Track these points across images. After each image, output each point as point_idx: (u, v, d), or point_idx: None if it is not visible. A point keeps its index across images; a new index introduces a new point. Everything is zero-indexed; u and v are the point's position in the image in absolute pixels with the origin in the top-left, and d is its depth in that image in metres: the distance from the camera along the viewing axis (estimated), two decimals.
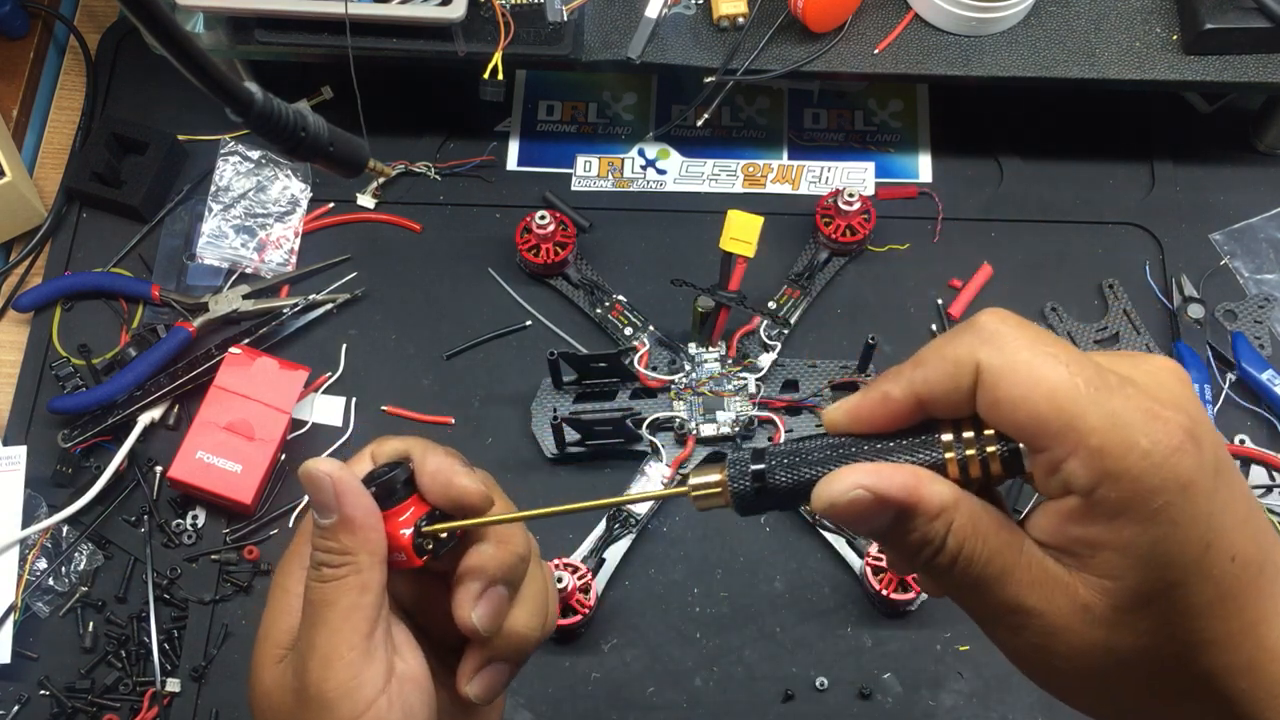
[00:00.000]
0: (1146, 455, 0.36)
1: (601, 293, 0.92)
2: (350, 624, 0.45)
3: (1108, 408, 0.36)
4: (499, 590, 0.48)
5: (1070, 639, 0.39)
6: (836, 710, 0.80)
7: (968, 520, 0.39)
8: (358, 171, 0.63)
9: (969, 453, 0.40)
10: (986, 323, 0.39)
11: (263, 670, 0.47)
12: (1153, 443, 0.36)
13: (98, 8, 1.06)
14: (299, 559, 0.48)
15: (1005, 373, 0.38)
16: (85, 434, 0.86)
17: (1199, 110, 0.99)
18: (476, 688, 0.48)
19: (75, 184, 0.95)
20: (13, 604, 0.81)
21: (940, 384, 0.39)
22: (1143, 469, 0.36)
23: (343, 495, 0.45)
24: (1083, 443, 0.36)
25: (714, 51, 0.88)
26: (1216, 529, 0.37)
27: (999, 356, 0.38)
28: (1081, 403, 0.36)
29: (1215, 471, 0.37)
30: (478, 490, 0.47)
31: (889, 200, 0.96)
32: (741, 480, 0.43)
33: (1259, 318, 0.91)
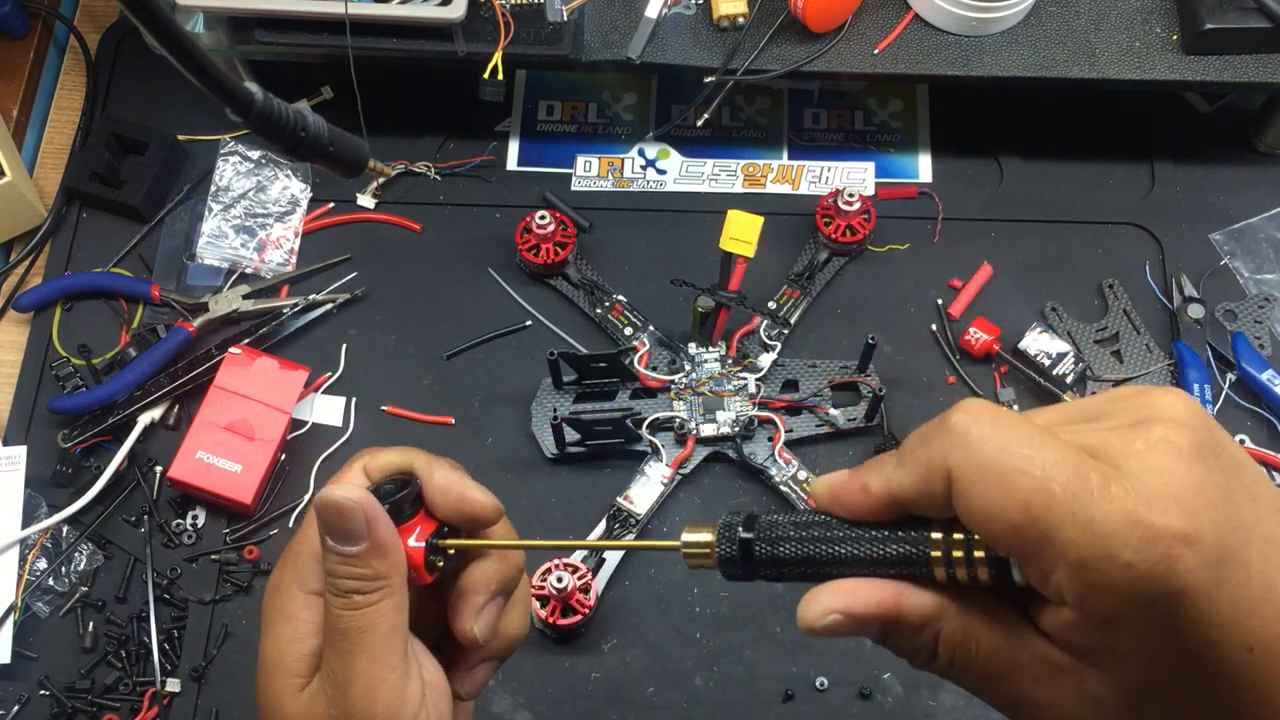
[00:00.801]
0: (1130, 568, 0.33)
1: (601, 293, 0.92)
2: (390, 647, 0.45)
3: (1085, 517, 0.34)
4: (498, 601, 0.49)
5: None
6: (836, 710, 0.80)
7: (956, 628, 0.39)
8: (358, 171, 0.63)
9: (956, 555, 0.38)
10: (958, 422, 0.37)
11: (283, 702, 0.46)
12: (1136, 554, 0.33)
13: (98, 8, 1.06)
14: (298, 582, 0.47)
15: (976, 480, 0.36)
16: (85, 434, 0.86)
17: (1199, 110, 0.99)
18: (469, 686, 0.50)
19: (75, 184, 0.95)
20: (13, 604, 0.81)
21: (915, 489, 0.38)
22: (1128, 582, 0.33)
23: (374, 522, 0.44)
24: (1063, 557, 0.34)
25: (714, 51, 0.88)
26: (1223, 626, 0.34)
27: (969, 461, 0.36)
28: (1058, 513, 0.34)
29: (1218, 564, 0.34)
30: (491, 504, 0.48)
31: (889, 200, 0.96)
32: (729, 545, 0.43)
33: (1259, 318, 0.91)
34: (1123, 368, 0.89)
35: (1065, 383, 0.88)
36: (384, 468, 0.48)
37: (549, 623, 0.79)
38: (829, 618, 0.39)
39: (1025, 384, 0.89)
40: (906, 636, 0.39)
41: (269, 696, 0.46)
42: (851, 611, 0.39)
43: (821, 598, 0.40)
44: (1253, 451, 0.86)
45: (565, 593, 0.78)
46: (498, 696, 0.80)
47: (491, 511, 0.48)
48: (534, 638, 0.82)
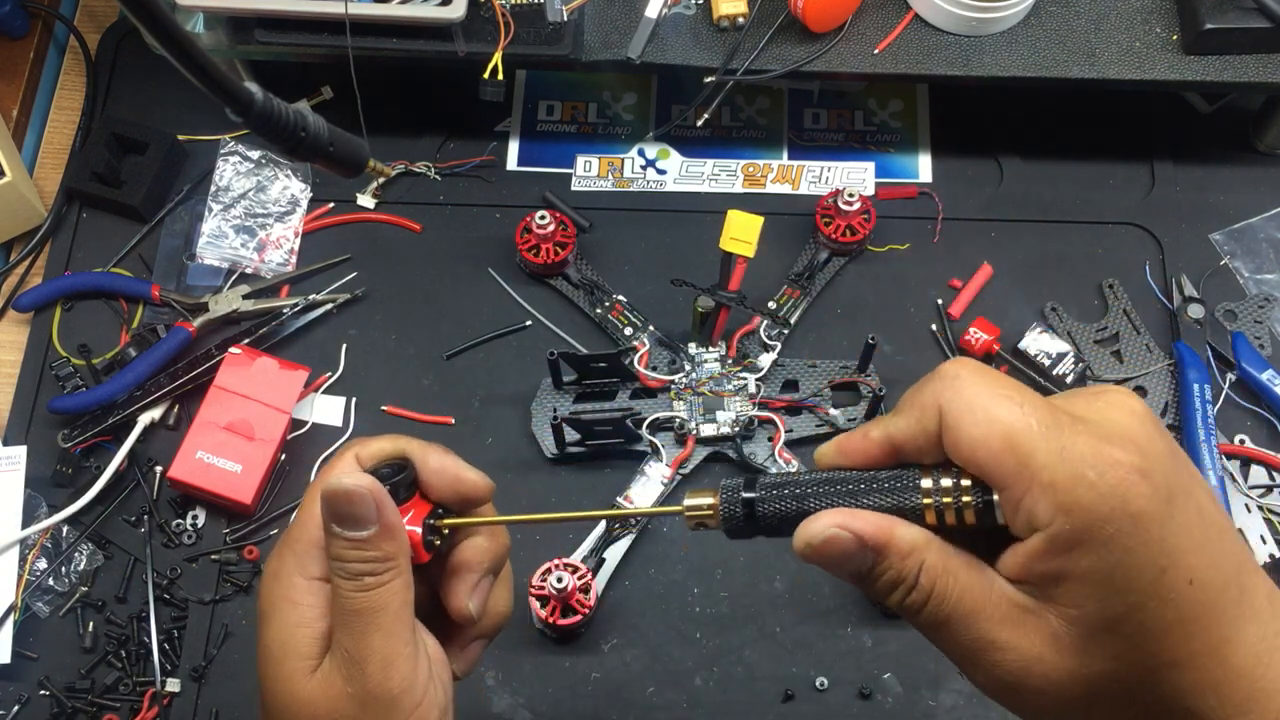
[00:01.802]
0: (1093, 486, 0.38)
1: (601, 293, 0.92)
2: (401, 624, 0.47)
3: (1057, 444, 0.39)
4: (490, 579, 0.51)
5: (1044, 669, 0.41)
6: (836, 710, 0.80)
7: (939, 560, 0.42)
8: (358, 171, 0.63)
9: (945, 500, 0.42)
10: (948, 369, 0.42)
11: (294, 684, 0.47)
12: (1099, 475, 0.38)
13: (98, 8, 1.06)
14: (299, 570, 0.48)
15: (965, 415, 0.41)
16: (85, 434, 0.86)
17: (1199, 110, 0.99)
18: (462, 664, 0.52)
19: (75, 184, 0.95)
20: (13, 604, 0.81)
21: (910, 429, 0.43)
22: (1091, 499, 0.38)
23: (382, 506, 0.46)
24: (1036, 479, 0.39)
25: (714, 51, 0.88)
26: (1170, 554, 0.39)
27: (958, 399, 0.41)
28: (1034, 441, 0.39)
29: (1168, 499, 0.39)
30: (484, 482, 0.50)
31: (889, 200, 0.96)
32: (733, 505, 0.45)
33: (1259, 318, 0.91)
34: (1123, 368, 0.89)
35: (1065, 383, 0.88)
36: (375, 455, 0.50)
37: (549, 623, 0.79)
38: (829, 531, 0.42)
39: (1025, 384, 0.89)
40: (893, 564, 0.42)
41: (279, 682, 0.48)
42: (851, 527, 0.42)
43: (822, 518, 0.43)
44: (1253, 452, 0.86)
45: (565, 593, 0.78)
46: (498, 696, 0.80)
47: (484, 490, 0.50)
48: (534, 638, 0.82)
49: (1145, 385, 0.89)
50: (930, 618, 0.42)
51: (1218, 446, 0.85)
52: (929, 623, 0.43)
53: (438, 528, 0.49)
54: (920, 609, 0.42)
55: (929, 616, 0.42)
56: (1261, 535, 0.84)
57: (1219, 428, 0.86)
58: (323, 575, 0.48)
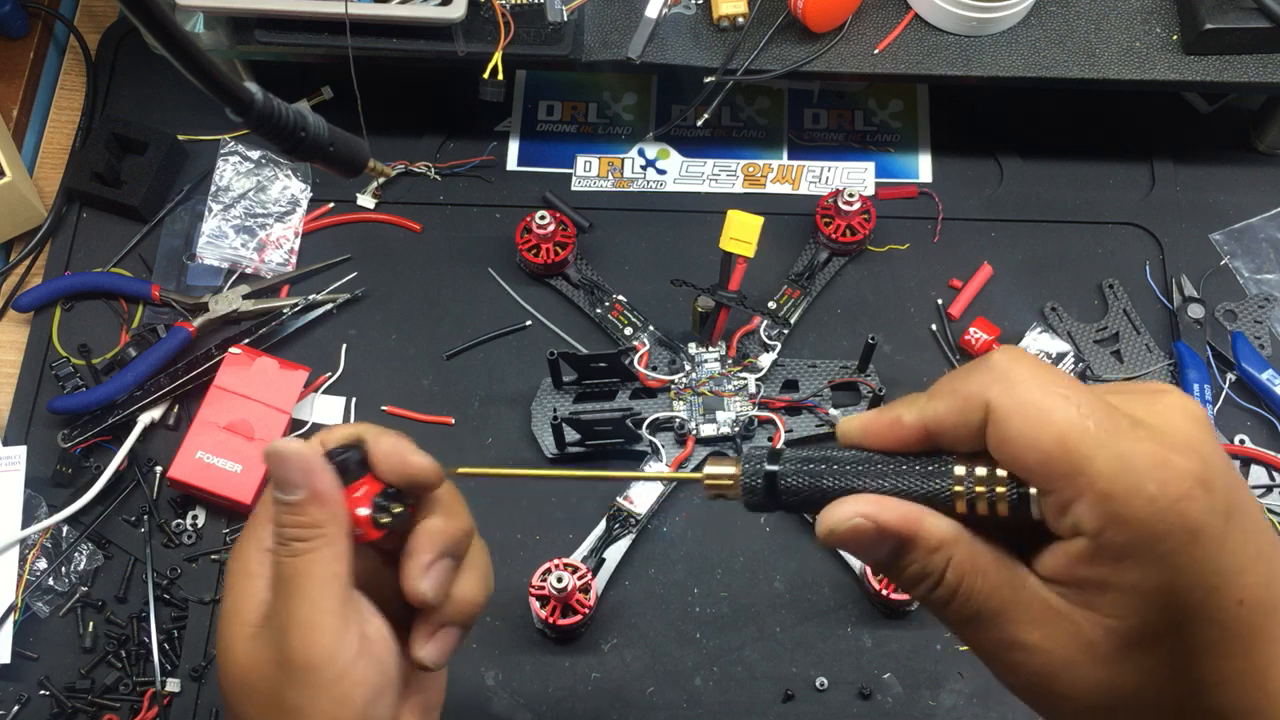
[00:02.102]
0: (1153, 501, 0.36)
1: (601, 293, 0.92)
2: (328, 592, 0.46)
3: (1116, 451, 0.36)
4: (446, 561, 0.50)
5: (1072, 675, 0.39)
6: (836, 710, 0.80)
7: (967, 556, 0.40)
8: (358, 171, 0.63)
9: (978, 490, 0.40)
10: (999, 361, 0.39)
11: (235, 648, 0.48)
12: (1160, 488, 0.36)
13: (98, 8, 1.06)
14: (256, 542, 0.49)
15: (1015, 412, 0.38)
16: (85, 434, 0.86)
17: (1199, 110, 0.99)
18: (430, 652, 0.51)
19: (75, 184, 0.95)
20: (13, 604, 0.81)
21: (950, 418, 0.40)
22: (1149, 514, 0.36)
23: (311, 471, 0.47)
24: (1091, 486, 0.36)
25: (714, 51, 0.88)
26: (1224, 573, 0.37)
27: (1009, 396, 0.38)
28: (1090, 445, 0.36)
29: (1226, 515, 0.37)
30: (431, 466, 0.49)
31: (889, 200, 0.96)
32: (755, 478, 0.44)
33: (1259, 318, 0.91)
34: (1123, 368, 0.89)
35: None
36: (339, 439, 0.50)
37: (549, 623, 0.79)
38: (854, 520, 0.40)
39: None
40: (920, 557, 0.40)
41: (223, 644, 0.48)
42: (877, 519, 0.40)
43: (849, 504, 0.41)
44: (1253, 451, 0.86)
45: (565, 593, 0.78)
46: (497, 697, 0.80)
47: (432, 474, 0.49)
48: (534, 638, 0.82)
49: None
50: (956, 614, 0.41)
51: None
52: (955, 619, 0.41)
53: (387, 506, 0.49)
54: (946, 604, 0.41)
55: (955, 613, 0.41)
56: None
57: (1219, 428, 0.86)
58: None
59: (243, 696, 0.48)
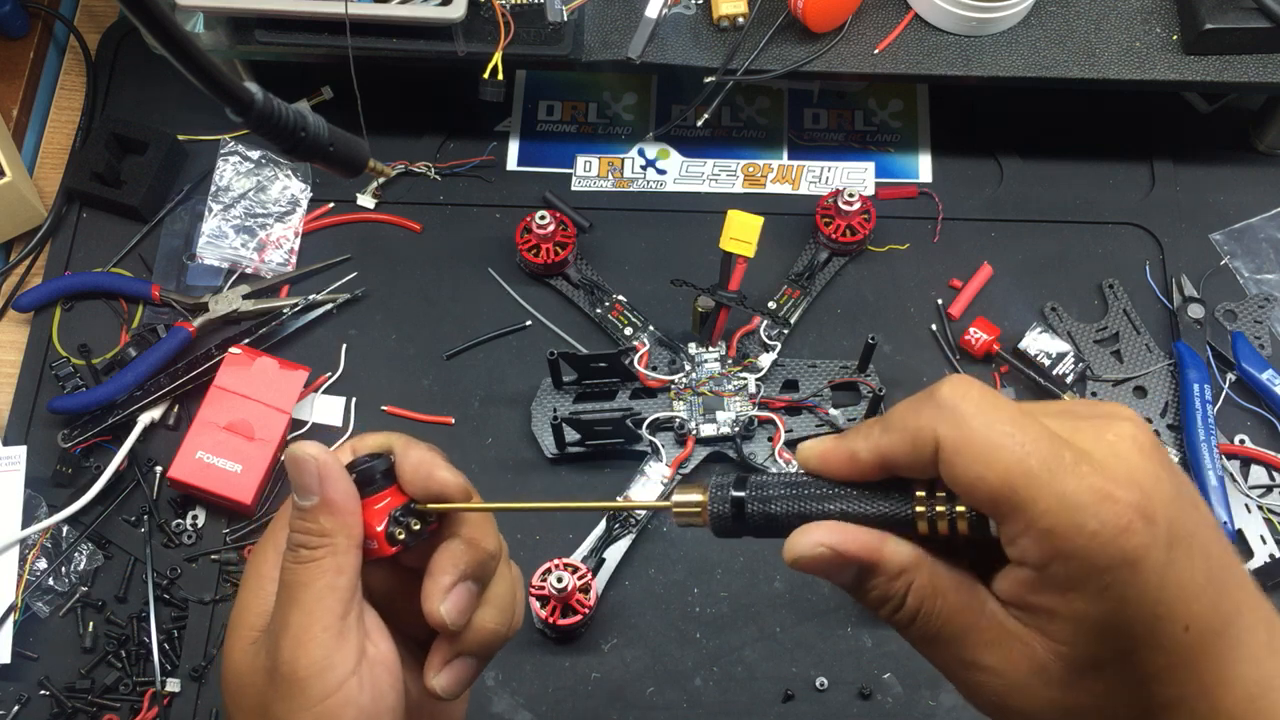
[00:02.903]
0: (1094, 536, 0.37)
1: (601, 293, 0.92)
2: (324, 605, 0.45)
3: (1059, 489, 0.37)
4: (468, 585, 0.48)
5: (1027, 696, 0.40)
6: (836, 710, 0.80)
7: (927, 580, 0.41)
8: (358, 171, 0.63)
9: (939, 510, 0.41)
10: (947, 396, 0.40)
11: (234, 651, 0.47)
12: (1101, 524, 0.37)
13: (98, 8, 1.06)
14: (274, 545, 0.48)
15: (962, 449, 0.39)
16: (85, 434, 0.86)
17: (1199, 110, 0.99)
18: (443, 680, 0.49)
19: (75, 184, 0.95)
20: (13, 604, 0.81)
21: (903, 452, 0.41)
22: (1091, 549, 0.37)
23: (326, 478, 0.46)
24: (1034, 524, 0.38)
25: (714, 51, 0.88)
26: (1168, 601, 0.38)
27: (956, 432, 0.39)
28: (1034, 485, 0.38)
29: (1169, 545, 0.38)
30: (458, 483, 0.48)
31: (889, 200, 0.96)
32: (722, 504, 0.45)
33: (1259, 318, 0.91)
34: (1123, 368, 0.89)
35: (1065, 383, 0.88)
36: (370, 447, 0.49)
37: (549, 623, 0.79)
38: (818, 549, 0.42)
39: (1025, 384, 0.89)
40: (882, 583, 0.42)
41: (226, 648, 0.48)
42: (839, 548, 0.42)
43: (813, 533, 0.42)
44: (1253, 451, 0.86)
45: (565, 593, 0.78)
46: (498, 697, 0.80)
47: (458, 491, 0.48)
48: (534, 638, 0.82)
49: (1145, 385, 0.89)
50: (918, 634, 0.42)
51: (1218, 446, 0.85)
52: (917, 639, 0.42)
53: (406, 522, 0.47)
54: (908, 626, 0.42)
55: (917, 633, 0.42)
56: (1261, 535, 0.84)
57: (1219, 428, 0.86)
58: None
59: (234, 702, 0.47)
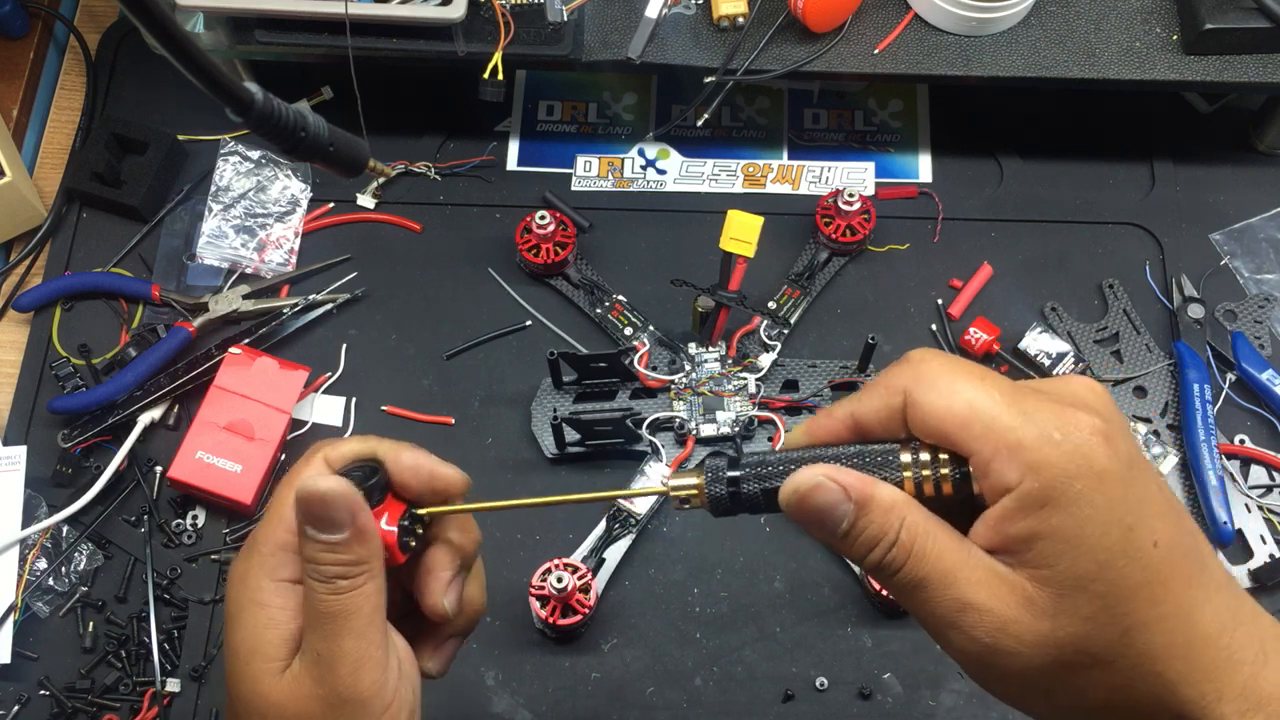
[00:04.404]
0: (1058, 445, 0.40)
1: (601, 293, 0.92)
2: (374, 627, 0.47)
3: (1021, 408, 0.41)
4: (464, 576, 0.52)
5: (1017, 632, 0.41)
6: (836, 710, 0.80)
7: (919, 518, 0.43)
8: (358, 171, 0.63)
9: (924, 472, 0.44)
10: (913, 355, 0.45)
11: (262, 685, 0.47)
12: (1064, 434, 0.41)
13: (98, 8, 1.06)
14: (264, 571, 0.48)
15: (929, 390, 0.43)
16: (85, 434, 0.86)
17: (1199, 110, 0.99)
18: (438, 663, 0.52)
19: (75, 184, 0.95)
20: (13, 604, 0.81)
21: (875, 407, 0.45)
22: (1057, 456, 0.40)
23: (357, 509, 0.47)
24: (1003, 440, 0.41)
25: (714, 51, 0.88)
26: (1135, 514, 0.41)
27: (924, 379, 0.43)
28: (997, 407, 0.42)
29: (1129, 464, 0.41)
30: (460, 476, 0.50)
31: (889, 200, 0.96)
32: (716, 485, 0.47)
33: (1259, 318, 0.91)
34: (1123, 368, 0.89)
35: None
36: (345, 456, 0.50)
37: (549, 623, 0.79)
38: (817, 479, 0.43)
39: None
40: (877, 518, 0.43)
41: (246, 682, 0.48)
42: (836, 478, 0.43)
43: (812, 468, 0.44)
44: (1253, 451, 0.86)
45: (565, 593, 0.78)
46: (498, 697, 0.80)
47: (461, 484, 0.50)
48: (534, 638, 0.82)
49: (1145, 385, 0.89)
50: (908, 577, 0.43)
51: (1218, 446, 0.85)
52: (907, 582, 0.43)
53: (412, 529, 0.49)
54: (899, 568, 0.43)
55: (907, 575, 0.43)
56: (1261, 535, 0.84)
57: (1219, 428, 0.86)
58: (291, 577, 0.48)
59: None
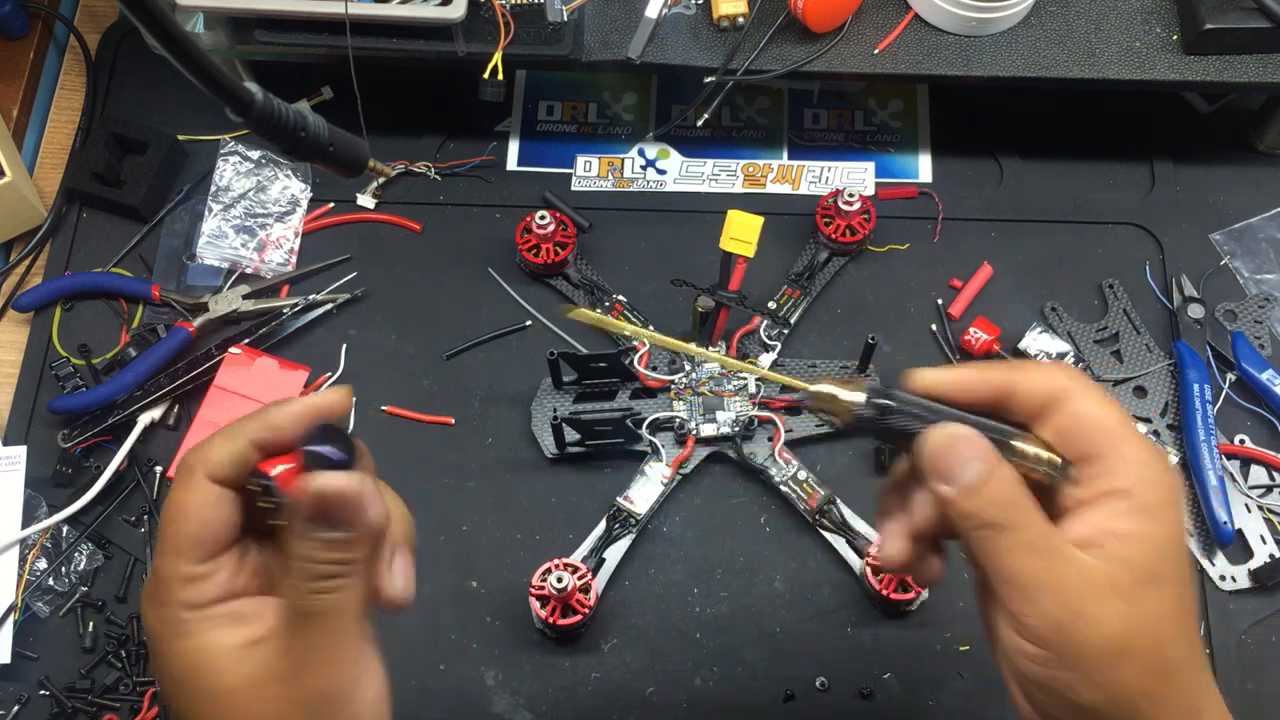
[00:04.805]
0: (1164, 474, 0.49)
1: (601, 293, 0.92)
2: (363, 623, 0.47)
3: (1143, 441, 0.49)
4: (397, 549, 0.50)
5: (1100, 608, 0.46)
6: (836, 710, 0.80)
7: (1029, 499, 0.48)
8: (358, 171, 0.63)
9: (1030, 459, 0.50)
10: (1071, 370, 0.51)
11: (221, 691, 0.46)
12: (1166, 469, 0.49)
13: (98, 8, 1.06)
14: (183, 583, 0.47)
15: (1088, 400, 0.49)
16: (85, 434, 0.86)
17: (1199, 110, 0.99)
18: (403, 583, 0.50)
19: (75, 184, 0.95)
20: (13, 604, 0.82)
21: (1034, 389, 0.50)
22: (1166, 482, 0.48)
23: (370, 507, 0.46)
24: (1133, 455, 0.48)
25: (714, 51, 0.88)
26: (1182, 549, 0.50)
27: (1084, 389, 0.50)
28: (1130, 432, 0.49)
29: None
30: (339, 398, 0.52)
31: (889, 200, 0.96)
32: (876, 401, 0.50)
33: (1259, 318, 0.91)
34: (1123, 368, 0.89)
35: None
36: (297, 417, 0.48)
37: (549, 623, 0.79)
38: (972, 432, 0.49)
39: None
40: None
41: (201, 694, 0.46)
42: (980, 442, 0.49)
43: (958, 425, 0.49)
44: (1253, 451, 0.86)
45: (565, 593, 0.78)
46: (498, 697, 0.80)
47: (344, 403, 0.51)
48: (534, 638, 0.82)
49: (1145, 385, 0.89)
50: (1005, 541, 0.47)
51: (1218, 446, 0.84)
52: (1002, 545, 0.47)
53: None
54: (1012, 485, 0.47)
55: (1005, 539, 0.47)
56: (1261, 535, 0.84)
57: (1219, 428, 0.86)
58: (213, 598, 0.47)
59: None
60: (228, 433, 0.48)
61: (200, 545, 0.47)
